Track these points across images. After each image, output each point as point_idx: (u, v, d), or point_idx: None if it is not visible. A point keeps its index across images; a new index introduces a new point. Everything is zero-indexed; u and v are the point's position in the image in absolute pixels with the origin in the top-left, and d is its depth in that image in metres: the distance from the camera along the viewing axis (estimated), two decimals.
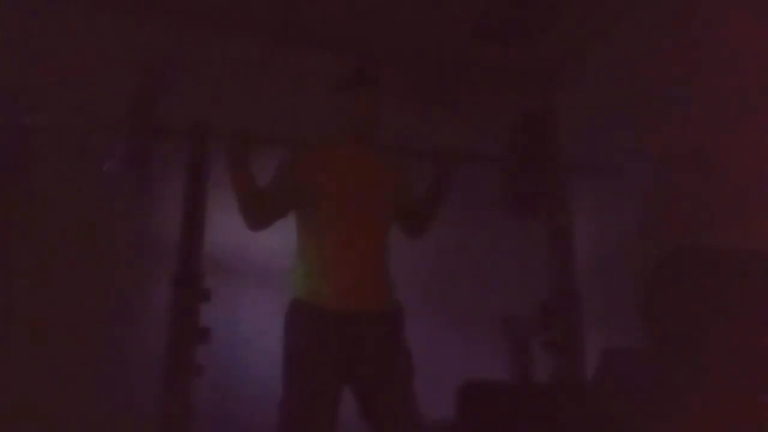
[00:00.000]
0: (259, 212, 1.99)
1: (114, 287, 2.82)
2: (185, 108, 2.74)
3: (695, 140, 2.63)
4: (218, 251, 2.59)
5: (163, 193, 2.62)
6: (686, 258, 2.22)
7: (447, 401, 2.40)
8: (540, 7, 3.14)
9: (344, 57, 3.46)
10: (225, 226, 2.82)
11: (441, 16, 3.24)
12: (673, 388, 2.01)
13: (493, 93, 3.78)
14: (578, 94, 3.60)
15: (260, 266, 3.05)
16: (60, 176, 2.89)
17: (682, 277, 2.18)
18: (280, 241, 3.19)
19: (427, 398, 2.18)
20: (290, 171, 2.02)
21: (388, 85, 2.09)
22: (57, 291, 2.76)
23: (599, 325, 2.79)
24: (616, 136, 3.17)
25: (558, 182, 2.56)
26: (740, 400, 1.81)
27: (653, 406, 2.10)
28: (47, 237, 2.81)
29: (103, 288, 2.82)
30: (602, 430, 2.20)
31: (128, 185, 2.15)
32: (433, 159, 2.21)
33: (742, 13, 2.41)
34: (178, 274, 2.20)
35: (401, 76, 3.63)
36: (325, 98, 2.08)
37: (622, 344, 2.65)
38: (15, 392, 2.58)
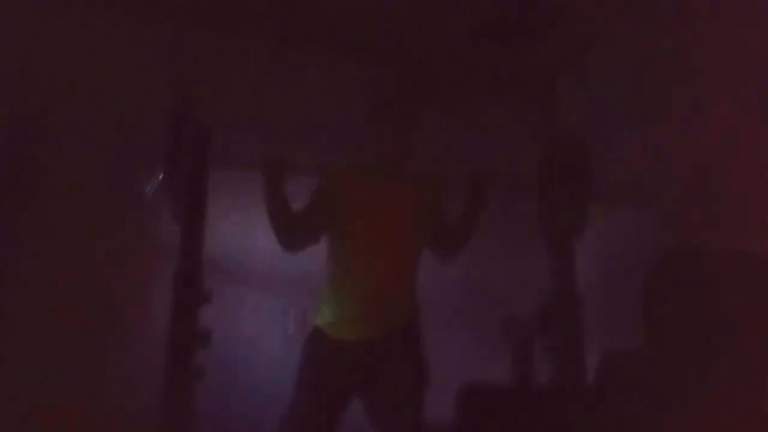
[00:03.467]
0: (292, 235, 2.03)
1: (114, 288, 2.82)
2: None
3: (695, 141, 2.63)
4: (219, 252, 2.58)
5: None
6: (686, 259, 2.22)
7: (447, 405, 2.39)
8: (540, 6, 3.15)
9: (344, 56, 3.46)
10: (226, 227, 2.83)
11: (441, 17, 3.24)
12: (673, 391, 2.00)
13: (493, 93, 3.78)
14: (579, 94, 3.60)
15: (261, 268, 3.05)
16: (63, 176, 2.89)
17: (682, 278, 2.18)
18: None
19: (427, 401, 2.18)
20: (322, 198, 2.05)
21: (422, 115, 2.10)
22: (58, 292, 2.75)
23: (600, 328, 2.79)
24: (616, 136, 3.17)
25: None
26: (740, 401, 1.81)
27: (653, 409, 2.09)
28: (49, 238, 2.81)
29: (103, 289, 2.81)
30: None
31: (165, 210, 2.17)
32: (467, 183, 2.18)
33: (742, 12, 2.41)
34: (179, 274, 2.19)
35: (401, 75, 3.63)
36: (357, 126, 2.11)
37: (622, 347, 2.65)
38: (16, 393, 2.57)
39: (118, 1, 3.01)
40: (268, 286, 3.00)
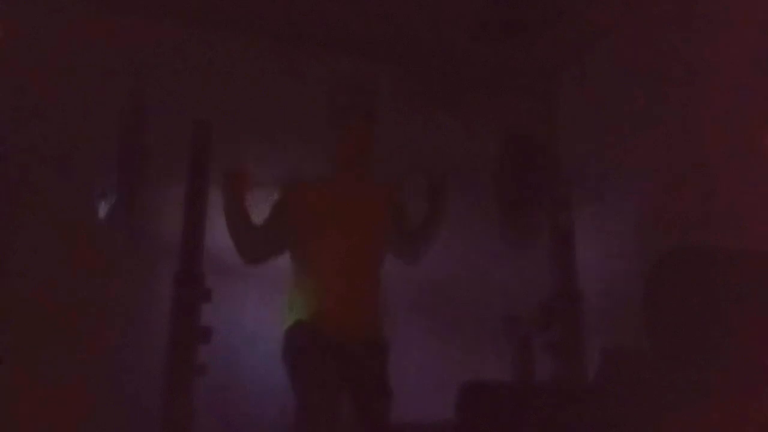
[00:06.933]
0: (254, 248, 2.05)
1: (114, 286, 2.82)
2: (182, 108, 2.76)
3: (695, 140, 2.63)
4: (219, 250, 2.58)
5: (164, 192, 2.62)
6: (686, 258, 2.22)
7: (447, 402, 2.40)
8: (540, 6, 3.14)
9: (343, 58, 3.46)
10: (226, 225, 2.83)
11: (440, 16, 3.23)
12: (673, 389, 2.00)
13: (492, 93, 3.77)
14: (578, 94, 3.60)
15: (261, 266, 3.04)
16: (60, 174, 2.89)
17: (682, 276, 2.17)
18: None
19: (428, 399, 2.19)
20: (283, 209, 2.05)
21: (381, 109, 2.10)
22: (57, 291, 2.76)
23: (600, 326, 2.79)
24: (616, 135, 3.17)
25: (559, 188, 2.54)
26: (740, 400, 1.81)
27: (654, 407, 2.09)
28: (47, 236, 2.81)
29: (103, 287, 2.81)
30: (603, 431, 2.19)
31: (121, 227, 2.15)
32: (428, 177, 2.18)
33: (742, 13, 2.41)
34: (179, 273, 2.20)
35: (400, 76, 3.63)
36: (319, 128, 2.10)
37: (622, 344, 2.65)
38: (15, 393, 2.58)
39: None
40: (268, 284, 3.00)
